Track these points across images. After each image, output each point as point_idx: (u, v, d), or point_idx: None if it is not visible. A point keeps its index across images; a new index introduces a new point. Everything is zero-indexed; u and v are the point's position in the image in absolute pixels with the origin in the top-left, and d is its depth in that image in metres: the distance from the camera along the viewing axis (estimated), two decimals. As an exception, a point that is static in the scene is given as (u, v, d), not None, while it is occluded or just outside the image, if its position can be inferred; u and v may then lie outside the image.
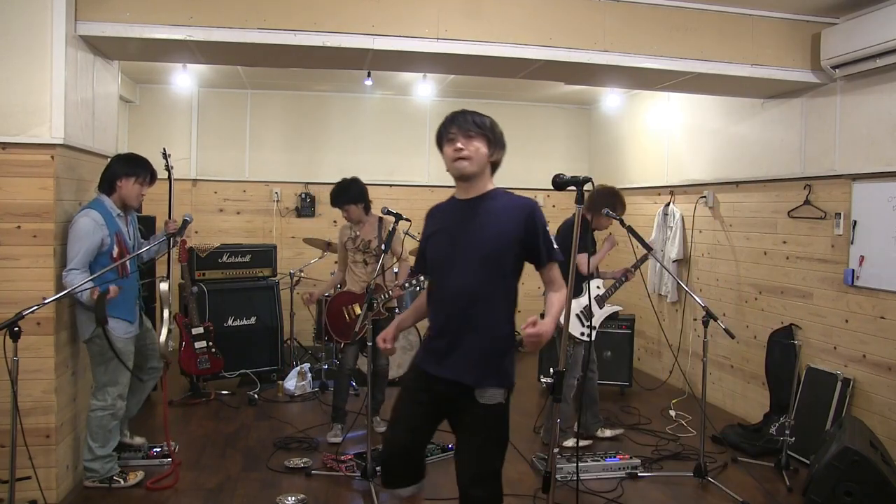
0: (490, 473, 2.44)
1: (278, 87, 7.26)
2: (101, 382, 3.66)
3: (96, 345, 3.59)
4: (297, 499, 3.60)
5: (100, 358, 3.63)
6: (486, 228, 2.42)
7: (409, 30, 3.84)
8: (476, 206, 2.46)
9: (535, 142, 7.88)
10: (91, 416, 3.67)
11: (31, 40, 3.36)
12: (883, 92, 4.03)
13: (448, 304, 2.45)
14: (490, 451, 2.46)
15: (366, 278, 4.49)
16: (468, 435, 2.46)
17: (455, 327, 2.43)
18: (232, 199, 7.33)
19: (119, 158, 3.78)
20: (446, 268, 2.45)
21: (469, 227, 2.44)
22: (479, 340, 2.41)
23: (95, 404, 3.66)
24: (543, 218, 2.48)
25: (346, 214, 4.55)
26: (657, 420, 5.15)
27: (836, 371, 4.28)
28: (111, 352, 3.55)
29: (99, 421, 3.65)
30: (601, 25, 4.05)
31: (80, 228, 3.45)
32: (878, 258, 4.08)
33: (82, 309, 3.58)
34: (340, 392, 4.59)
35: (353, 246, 4.55)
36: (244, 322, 5.90)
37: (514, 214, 2.43)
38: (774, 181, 4.94)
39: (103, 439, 3.68)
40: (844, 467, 3.42)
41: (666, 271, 5.98)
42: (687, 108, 6.00)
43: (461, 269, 2.41)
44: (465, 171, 2.42)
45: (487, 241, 2.41)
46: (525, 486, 3.87)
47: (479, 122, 2.45)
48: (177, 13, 3.59)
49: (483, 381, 2.40)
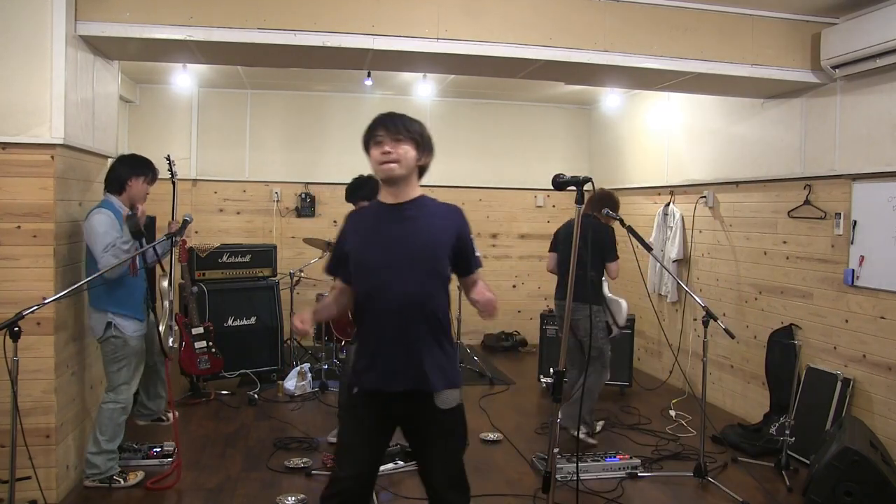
0: (461, 473, 2.47)
1: (278, 87, 7.26)
2: (116, 381, 3.71)
3: (111, 344, 3.65)
4: (297, 499, 3.60)
5: (112, 356, 3.68)
6: (421, 235, 2.36)
7: (409, 30, 3.84)
8: (406, 212, 2.38)
9: (535, 142, 7.88)
10: (103, 408, 3.71)
11: (31, 40, 3.36)
12: (883, 92, 4.04)
13: (395, 314, 2.32)
14: (458, 452, 2.48)
15: None
16: (434, 440, 2.44)
17: (404, 337, 2.32)
18: (232, 199, 7.33)
19: (125, 160, 3.83)
20: (383, 276, 2.33)
21: (403, 234, 2.36)
22: (431, 346, 2.35)
23: (108, 399, 3.72)
24: (469, 225, 2.46)
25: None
26: (657, 420, 5.15)
27: (836, 371, 4.28)
28: (123, 351, 3.64)
29: (110, 415, 3.70)
30: (601, 25, 4.05)
31: (101, 222, 3.52)
32: (878, 258, 4.08)
33: (94, 309, 3.64)
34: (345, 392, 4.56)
35: None
36: (244, 322, 5.89)
37: (446, 222, 2.40)
38: (774, 181, 4.94)
39: (112, 433, 3.71)
40: (844, 467, 3.42)
41: (666, 271, 5.98)
42: (687, 108, 6.00)
43: (404, 277, 2.32)
44: (394, 174, 2.32)
45: (426, 248, 2.35)
46: (525, 486, 3.87)
47: (407, 126, 2.36)
48: (177, 13, 3.59)
49: (440, 385, 2.36)
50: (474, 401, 5.57)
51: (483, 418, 5.12)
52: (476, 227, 8.08)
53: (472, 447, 4.53)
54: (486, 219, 7.80)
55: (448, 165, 7.75)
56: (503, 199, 7.87)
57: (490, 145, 7.76)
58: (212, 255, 5.88)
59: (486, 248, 7.68)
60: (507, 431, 4.80)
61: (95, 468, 3.69)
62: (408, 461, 4.10)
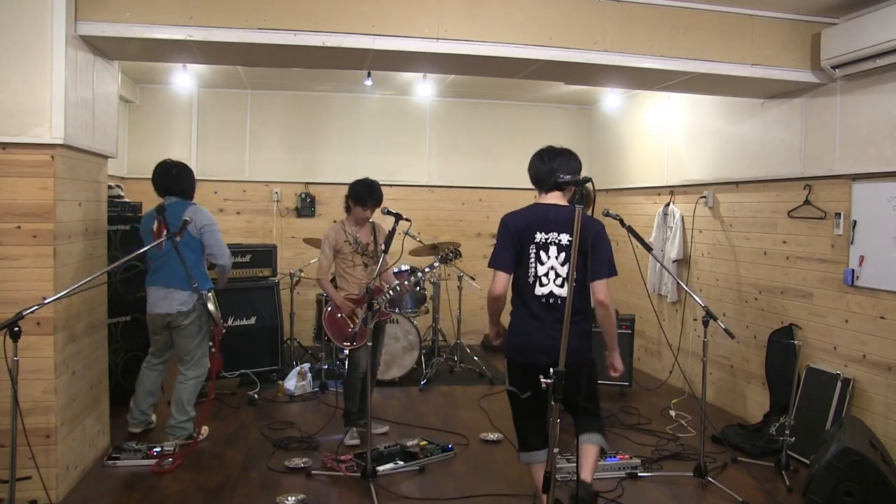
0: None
1: (278, 87, 7.26)
2: (200, 354, 4.40)
3: (197, 322, 4.32)
4: (297, 499, 3.60)
5: (199, 332, 4.36)
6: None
7: (410, 30, 3.84)
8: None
9: (535, 142, 7.79)
10: (187, 384, 4.35)
11: (32, 40, 3.36)
12: (883, 92, 4.04)
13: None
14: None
15: (367, 281, 4.48)
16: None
17: None
18: (232, 199, 7.33)
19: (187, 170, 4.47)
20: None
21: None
22: None
23: (192, 374, 4.37)
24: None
25: (367, 213, 4.47)
26: (657, 420, 5.15)
27: (836, 371, 4.28)
28: (206, 325, 4.36)
29: (195, 387, 4.38)
30: (601, 25, 4.06)
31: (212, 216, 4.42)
32: (878, 258, 4.08)
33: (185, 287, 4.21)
34: (355, 397, 4.51)
35: (353, 248, 4.51)
36: (244, 322, 5.90)
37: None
38: (774, 181, 4.94)
39: (194, 400, 4.40)
40: (844, 467, 3.42)
41: (666, 271, 5.99)
42: (687, 108, 6.00)
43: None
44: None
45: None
46: (525, 486, 3.87)
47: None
48: (177, 13, 3.59)
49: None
50: (474, 401, 5.58)
51: (483, 418, 5.12)
52: (476, 227, 8.15)
53: (472, 447, 4.54)
54: (486, 219, 7.80)
55: (448, 165, 7.77)
56: (503, 199, 7.83)
57: (490, 145, 7.77)
58: (212, 255, 5.87)
59: (486, 248, 7.68)
60: (507, 431, 4.79)
61: (185, 430, 4.33)
62: (408, 461, 4.11)
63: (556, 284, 3.11)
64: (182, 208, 4.25)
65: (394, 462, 4.07)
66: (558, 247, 3.12)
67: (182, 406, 4.32)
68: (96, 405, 4.10)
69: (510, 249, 3.14)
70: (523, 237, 3.14)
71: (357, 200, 4.44)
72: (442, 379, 6.19)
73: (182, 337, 4.32)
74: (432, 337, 6.69)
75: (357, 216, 4.49)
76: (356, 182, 4.50)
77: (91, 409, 4.00)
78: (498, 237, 3.24)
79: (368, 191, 4.44)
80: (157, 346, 4.48)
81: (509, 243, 3.15)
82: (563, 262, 3.12)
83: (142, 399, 4.49)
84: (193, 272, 4.14)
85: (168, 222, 4.14)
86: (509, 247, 3.15)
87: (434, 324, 6.68)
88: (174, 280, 4.20)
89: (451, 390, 5.89)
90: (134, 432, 4.47)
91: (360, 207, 4.44)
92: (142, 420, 4.52)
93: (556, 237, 3.13)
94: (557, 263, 3.12)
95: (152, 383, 4.50)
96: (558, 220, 3.14)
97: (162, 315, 4.27)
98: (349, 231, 4.51)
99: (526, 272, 3.14)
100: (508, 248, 3.15)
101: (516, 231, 3.15)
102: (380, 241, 4.56)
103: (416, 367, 6.05)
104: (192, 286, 4.16)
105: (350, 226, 4.53)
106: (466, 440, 4.63)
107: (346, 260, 4.49)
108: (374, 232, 4.58)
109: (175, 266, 4.09)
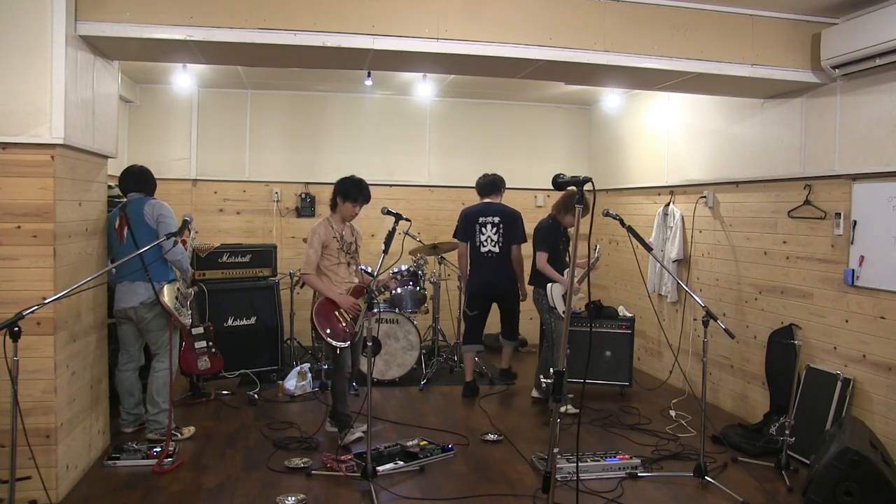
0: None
1: (278, 87, 7.26)
2: (164, 345, 4.39)
3: (162, 314, 4.33)
4: (297, 499, 3.60)
5: (164, 324, 4.36)
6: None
7: (410, 30, 3.85)
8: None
9: (535, 142, 7.88)
10: (158, 375, 4.38)
11: (32, 40, 3.36)
12: (883, 92, 4.04)
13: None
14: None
15: (349, 279, 4.52)
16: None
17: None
18: (232, 199, 7.33)
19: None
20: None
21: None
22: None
23: (161, 365, 4.39)
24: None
25: (356, 210, 4.53)
26: (657, 420, 5.15)
27: (836, 371, 4.28)
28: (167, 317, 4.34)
29: (164, 378, 4.36)
30: (601, 25, 4.06)
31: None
32: (878, 258, 4.08)
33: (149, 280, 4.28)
34: (343, 398, 4.52)
35: (339, 246, 4.51)
36: (244, 322, 5.90)
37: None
38: (774, 181, 4.94)
39: (165, 394, 4.36)
40: (844, 467, 3.42)
41: (666, 271, 5.98)
42: (687, 108, 6.00)
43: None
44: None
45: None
46: (525, 486, 3.87)
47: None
48: (177, 13, 3.59)
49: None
50: (474, 401, 5.58)
51: (483, 418, 5.12)
52: (476, 227, 8.07)
53: (472, 447, 4.54)
54: (486, 219, 7.80)
55: (448, 165, 7.77)
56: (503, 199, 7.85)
57: (490, 145, 7.76)
58: (212, 255, 5.88)
59: (486, 248, 7.68)
60: (507, 431, 4.80)
61: (159, 424, 4.34)
62: (408, 461, 4.11)
63: (491, 247, 5.65)
64: (142, 203, 4.36)
65: (394, 462, 4.07)
66: (492, 224, 5.67)
67: (153, 398, 4.37)
68: (96, 405, 4.11)
69: (467, 227, 5.74)
70: (474, 220, 5.71)
71: (347, 197, 4.48)
72: (442, 379, 6.19)
73: (148, 331, 4.39)
74: (432, 337, 6.69)
75: (345, 213, 4.53)
76: (344, 179, 4.55)
77: (91, 409, 4.00)
78: (459, 221, 5.85)
79: (358, 187, 4.50)
80: (124, 345, 4.49)
81: (466, 224, 5.75)
82: (494, 234, 5.63)
83: (125, 400, 4.53)
84: (151, 266, 4.26)
85: (129, 216, 4.29)
86: (466, 226, 5.75)
87: (434, 324, 6.67)
88: (135, 274, 4.28)
89: (451, 390, 5.89)
90: (127, 431, 4.50)
91: (350, 203, 4.49)
92: (131, 420, 4.54)
93: (491, 219, 5.68)
94: (492, 234, 5.64)
95: (129, 384, 4.51)
96: (492, 210, 5.71)
97: (125, 309, 4.31)
98: (336, 228, 4.54)
99: (476, 240, 5.69)
100: (466, 227, 5.75)
101: (470, 216, 5.75)
102: (359, 242, 4.68)
103: (416, 367, 6.05)
104: (147, 279, 4.25)
105: (336, 223, 4.56)
106: (466, 440, 4.63)
107: (332, 257, 4.49)
108: (353, 232, 4.67)
109: (135, 260, 4.14)
